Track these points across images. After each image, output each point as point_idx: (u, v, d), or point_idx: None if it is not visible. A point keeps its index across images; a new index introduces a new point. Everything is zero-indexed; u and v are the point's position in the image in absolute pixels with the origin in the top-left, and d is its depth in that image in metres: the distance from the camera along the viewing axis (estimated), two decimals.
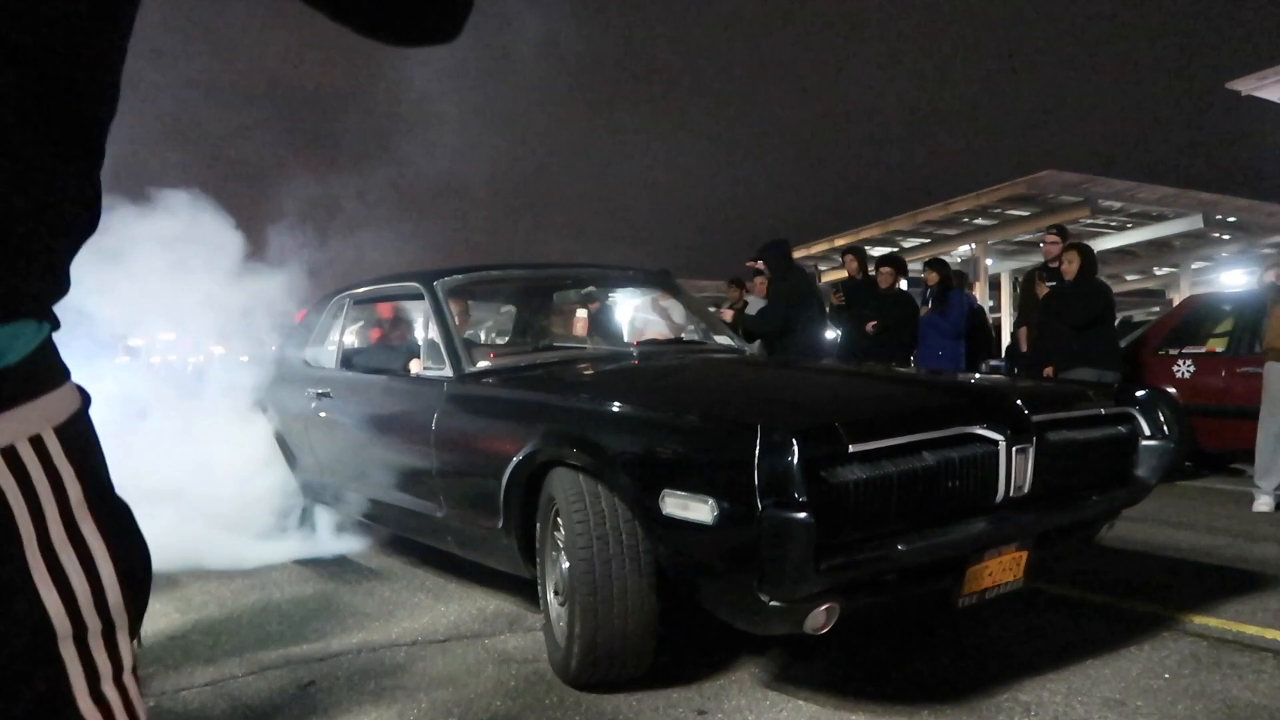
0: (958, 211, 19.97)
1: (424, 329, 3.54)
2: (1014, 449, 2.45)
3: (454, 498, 3.15)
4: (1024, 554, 2.56)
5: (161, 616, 3.41)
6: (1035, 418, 2.55)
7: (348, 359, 3.98)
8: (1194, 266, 23.91)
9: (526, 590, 3.19)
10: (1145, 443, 2.96)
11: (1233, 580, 3.66)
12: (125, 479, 0.71)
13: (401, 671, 2.81)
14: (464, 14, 0.75)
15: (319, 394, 3.99)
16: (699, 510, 2.18)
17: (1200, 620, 3.12)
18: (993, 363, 7.53)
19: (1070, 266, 5.98)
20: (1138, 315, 14.79)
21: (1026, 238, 22.15)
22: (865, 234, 22.19)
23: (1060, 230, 6.93)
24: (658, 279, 4.29)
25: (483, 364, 3.32)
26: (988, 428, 2.43)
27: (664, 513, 2.27)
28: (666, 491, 2.27)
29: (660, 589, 2.44)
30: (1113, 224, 21.13)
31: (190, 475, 4.18)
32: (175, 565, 3.94)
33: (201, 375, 4.96)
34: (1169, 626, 3.06)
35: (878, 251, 24.16)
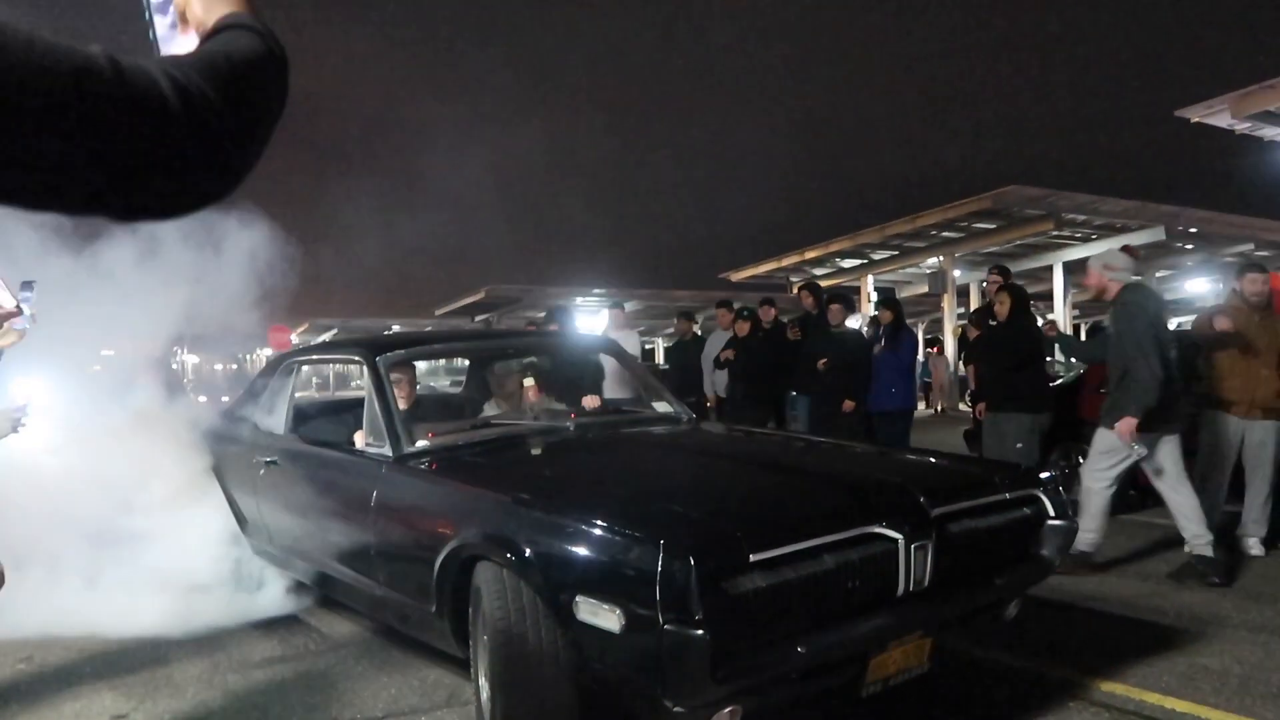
0: (925, 225, 20.24)
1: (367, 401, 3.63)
2: (913, 546, 2.58)
3: (391, 576, 3.25)
4: (928, 641, 2.69)
5: (108, 690, 3.50)
6: (935, 511, 2.68)
7: (295, 426, 4.07)
8: (1159, 275, 24.35)
9: (460, 667, 3.29)
10: (1050, 523, 3.10)
11: (1146, 639, 3.81)
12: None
13: None
14: (241, 169, 0.68)
15: (267, 461, 4.07)
16: (607, 618, 2.30)
17: (1108, 687, 3.27)
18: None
19: (1001, 308, 6.13)
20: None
21: (995, 249, 22.51)
22: (835, 246, 22.43)
23: (1002, 270, 7.10)
24: (603, 344, 4.41)
25: (421, 444, 3.42)
26: (887, 526, 2.56)
27: (577, 617, 2.38)
28: (579, 597, 2.38)
29: (579, 686, 2.55)
30: (1077, 235, 21.48)
31: (137, 532, 4.26)
32: (116, 628, 4.02)
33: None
34: (1076, 694, 3.20)
35: (849, 264, 24.44)
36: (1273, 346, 5.20)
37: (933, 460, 3.32)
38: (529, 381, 3.93)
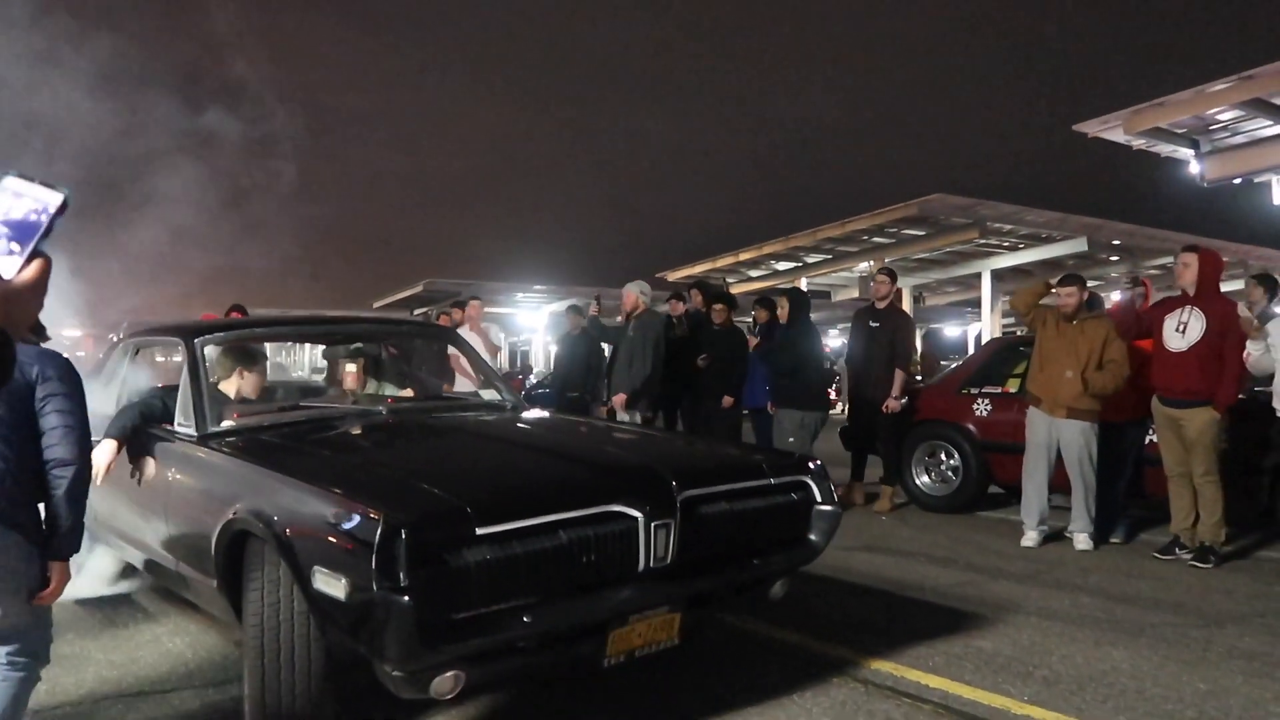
0: (855, 230, 20.59)
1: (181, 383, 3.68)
2: (654, 524, 2.72)
3: (183, 553, 3.32)
4: (676, 616, 2.83)
5: None
6: (686, 493, 2.82)
7: (120, 403, 4.10)
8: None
9: None
10: (819, 508, 3.26)
11: (940, 622, 4.01)
12: None
13: None
14: None
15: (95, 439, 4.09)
16: (336, 587, 2.39)
17: (877, 665, 3.44)
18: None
19: (782, 311, 6.50)
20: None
21: (924, 255, 22.96)
22: (769, 249, 22.72)
23: (889, 272, 7.30)
24: (439, 332, 4.51)
25: (226, 424, 3.49)
26: (627, 505, 2.69)
27: (314, 586, 2.48)
28: (317, 567, 2.48)
29: (330, 655, 2.64)
30: (1005, 244, 22.00)
31: None
32: None
33: None
34: (843, 671, 3.37)
35: (783, 266, 24.74)
36: (1079, 350, 5.45)
37: (706, 448, 3.47)
38: (350, 367, 4.02)
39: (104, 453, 3.62)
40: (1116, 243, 21.40)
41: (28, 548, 2.31)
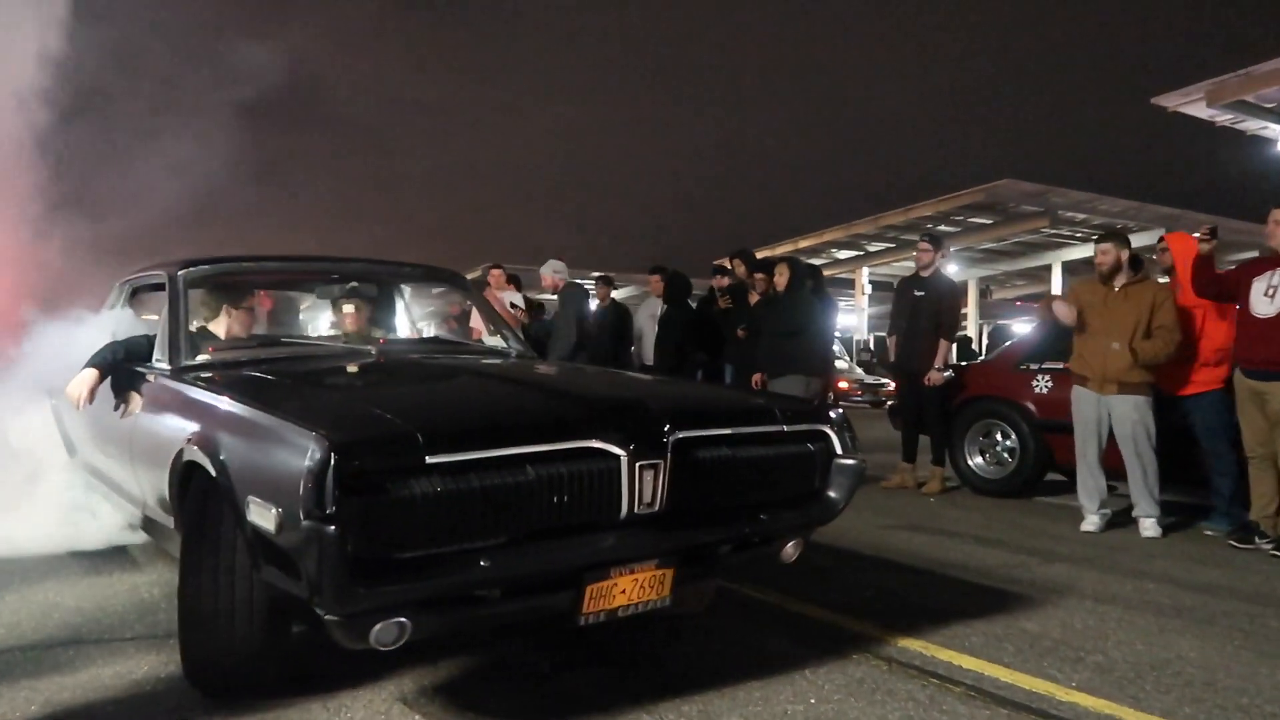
0: (919, 217, 19.90)
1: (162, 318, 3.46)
2: (638, 464, 2.38)
3: (150, 494, 3.09)
4: (667, 572, 2.48)
5: None
6: (678, 434, 2.47)
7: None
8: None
9: None
10: (839, 461, 2.88)
11: (982, 602, 3.59)
12: None
13: (53, 671, 2.74)
14: None
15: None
16: (268, 518, 2.11)
17: (905, 643, 3.05)
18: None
19: (780, 279, 6.26)
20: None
21: (991, 245, 22.12)
22: (829, 235, 22.14)
23: (932, 238, 6.85)
24: (447, 277, 4.23)
25: (201, 358, 3.25)
26: (608, 442, 2.35)
27: (248, 518, 2.20)
28: (250, 497, 2.20)
29: (265, 597, 2.37)
30: (1076, 235, 21.07)
31: None
32: None
33: None
34: (865, 648, 2.99)
35: (844, 255, 24.13)
36: (1124, 319, 4.96)
37: (713, 391, 3.11)
38: (347, 308, 3.75)
39: (83, 381, 3.41)
40: (1195, 235, 20.27)
41: None
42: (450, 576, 2.14)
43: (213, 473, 2.39)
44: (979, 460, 6.56)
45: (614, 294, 8.80)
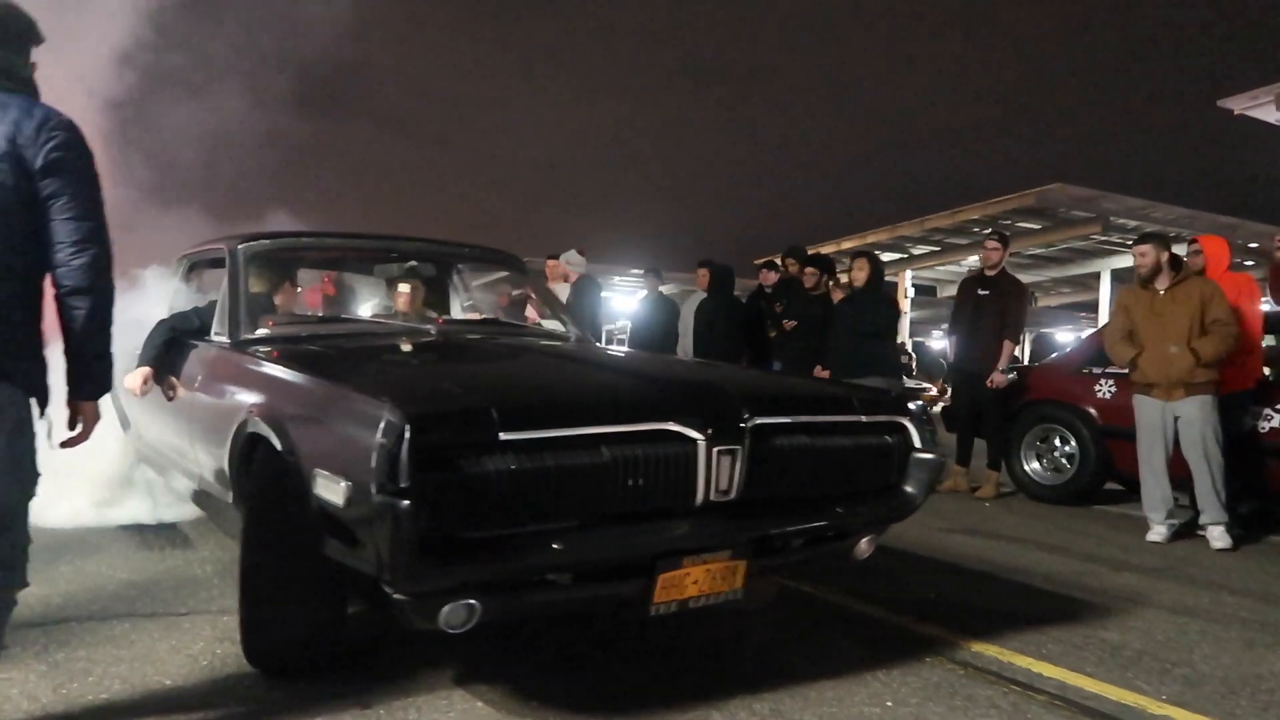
0: (966, 220, 19.58)
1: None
2: (716, 449, 2.28)
3: (205, 467, 3.04)
4: (741, 564, 2.38)
5: None
6: (756, 420, 2.37)
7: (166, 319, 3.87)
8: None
9: None
10: (917, 455, 2.76)
11: (1055, 609, 3.45)
12: None
13: (109, 643, 2.69)
14: None
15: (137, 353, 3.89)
16: (336, 492, 2.04)
17: (979, 648, 2.92)
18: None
19: (859, 274, 6.01)
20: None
21: (1039, 251, 21.71)
22: (873, 237, 21.85)
23: (1001, 237, 6.68)
24: (504, 259, 4.15)
25: (260, 332, 3.20)
26: (685, 425, 2.25)
27: (314, 492, 2.13)
28: (318, 470, 2.13)
29: (327, 576, 2.30)
30: (1128, 242, 20.61)
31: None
32: None
33: None
34: (938, 651, 2.86)
35: (888, 257, 23.84)
36: (1177, 321, 4.76)
37: (787, 379, 3.00)
38: (403, 287, 3.69)
39: (134, 380, 3.40)
40: (1253, 245, 19.82)
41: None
42: (522, 559, 2.06)
43: (277, 445, 2.32)
44: (1036, 466, 6.37)
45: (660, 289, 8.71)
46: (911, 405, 2.81)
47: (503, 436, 2.04)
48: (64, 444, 2.07)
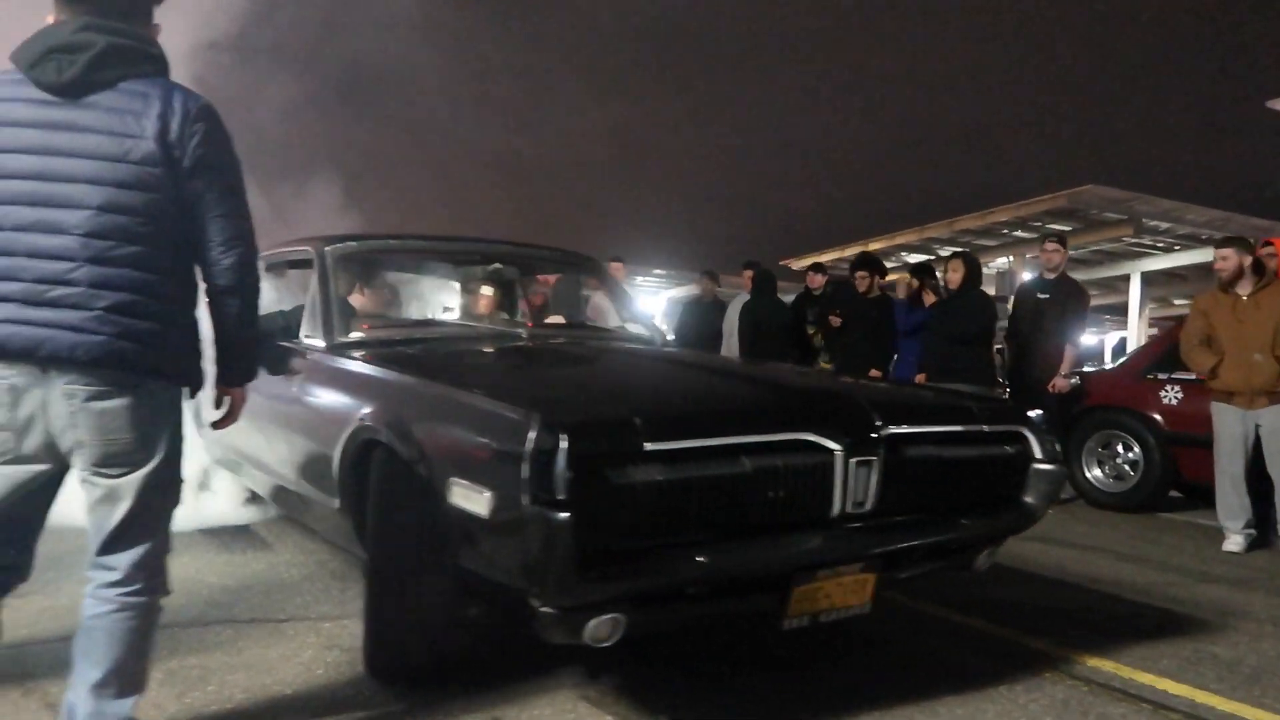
0: (996, 222, 19.43)
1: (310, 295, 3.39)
2: (853, 461, 2.23)
3: (304, 472, 3.01)
4: (870, 577, 2.33)
5: None
6: (889, 430, 2.32)
7: None
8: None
9: None
10: (1037, 466, 2.70)
11: (1155, 622, 3.38)
12: None
13: (217, 649, 2.67)
14: None
15: None
16: (477, 502, 2.00)
17: (1095, 663, 2.86)
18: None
19: (954, 275, 5.83)
20: None
21: (1070, 252, 21.50)
22: (901, 239, 21.73)
23: (1061, 239, 6.60)
24: (582, 262, 4.11)
25: (355, 335, 3.17)
26: (824, 435, 2.21)
27: (450, 501, 2.09)
28: (454, 479, 2.09)
29: (458, 585, 2.26)
30: (1159, 245, 20.43)
31: None
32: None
33: None
34: (1056, 667, 2.80)
35: (915, 259, 23.69)
36: (1260, 328, 4.66)
37: (904, 386, 2.94)
38: (486, 290, 3.65)
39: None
40: None
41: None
42: (669, 572, 2.01)
43: (403, 453, 2.28)
44: (1097, 472, 6.29)
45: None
46: (1031, 414, 2.75)
47: (647, 447, 2.00)
48: (215, 425, 2.14)
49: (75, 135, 1.76)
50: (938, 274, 7.10)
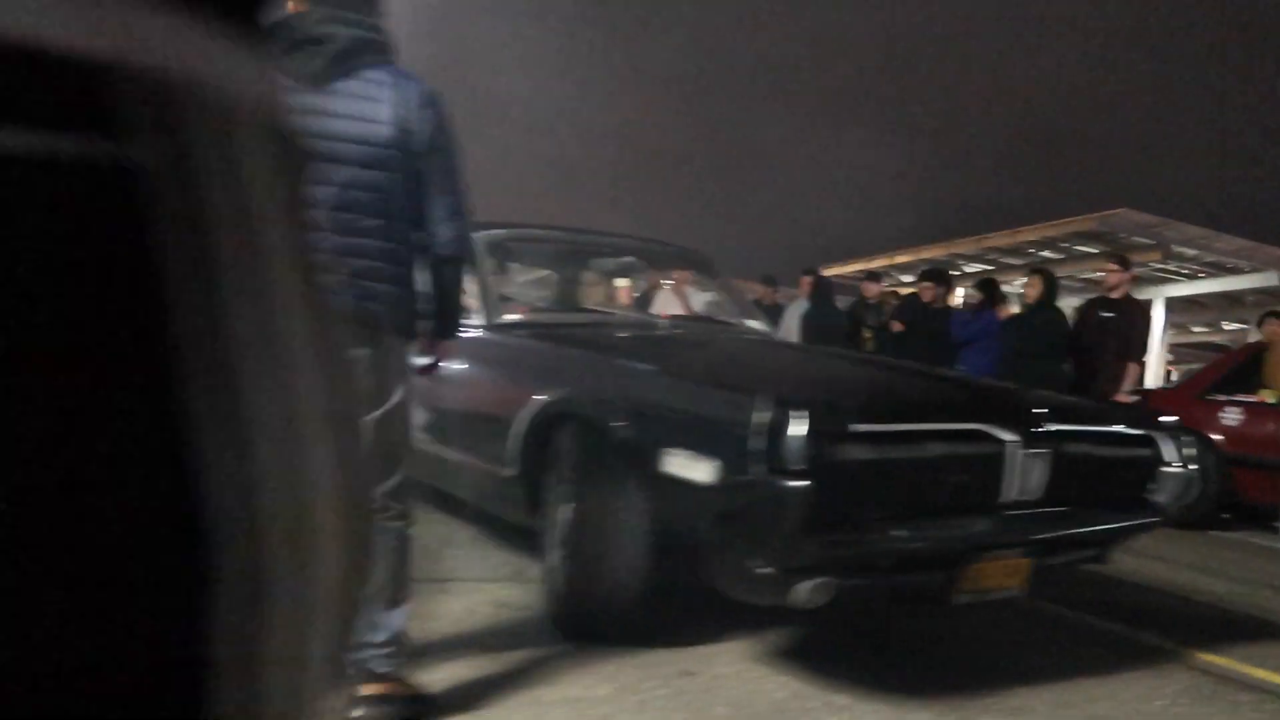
0: (1024, 241, 19.59)
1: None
2: (1024, 453, 2.42)
3: (469, 444, 3.20)
4: (1027, 562, 2.53)
5: None
6: (1052, 426, 2.52)
7: None
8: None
9: (528, 546, 3.23)
10: (1166, 469, 2.90)
11: (1246, 625, 3.57)
12: None
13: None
14: None
15: None
16: (697, 470, 2.20)
17: (1206, 658, 3.04)
18: None
19: (1031, 291, 5.93)
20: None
21: (1093, 275, 21.67)
22: (927, 253, 21.87)
23: (1121, 260, 6.80)
24: (697, 260, 4.31)
25: (512, 317, 3.36)
26: (1000, 427, 2.40)
27: (663, 470, 2.29)
28: (667, 449, 2.29)
29: (656, 549, 2.46)
30: (1184, 271, 20.58)
31: None
32: None
33: None
34: (1172, 659, 2.99)
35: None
36: None
37: (1048, 389, 3.14)
38: (622, 281, 3.85)
39: None
40: None
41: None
42: (869, 544, 2.21)
43: (604, 426, 2.48)
44: None
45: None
46: (1163, 419, 2.94)
47: (853, 428, 2.19)
48: (422, 370, 2.32)
49: (324, 120, 1.97)
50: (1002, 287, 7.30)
